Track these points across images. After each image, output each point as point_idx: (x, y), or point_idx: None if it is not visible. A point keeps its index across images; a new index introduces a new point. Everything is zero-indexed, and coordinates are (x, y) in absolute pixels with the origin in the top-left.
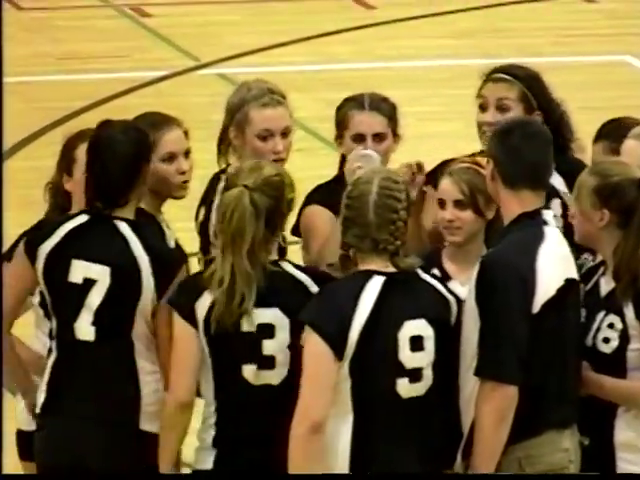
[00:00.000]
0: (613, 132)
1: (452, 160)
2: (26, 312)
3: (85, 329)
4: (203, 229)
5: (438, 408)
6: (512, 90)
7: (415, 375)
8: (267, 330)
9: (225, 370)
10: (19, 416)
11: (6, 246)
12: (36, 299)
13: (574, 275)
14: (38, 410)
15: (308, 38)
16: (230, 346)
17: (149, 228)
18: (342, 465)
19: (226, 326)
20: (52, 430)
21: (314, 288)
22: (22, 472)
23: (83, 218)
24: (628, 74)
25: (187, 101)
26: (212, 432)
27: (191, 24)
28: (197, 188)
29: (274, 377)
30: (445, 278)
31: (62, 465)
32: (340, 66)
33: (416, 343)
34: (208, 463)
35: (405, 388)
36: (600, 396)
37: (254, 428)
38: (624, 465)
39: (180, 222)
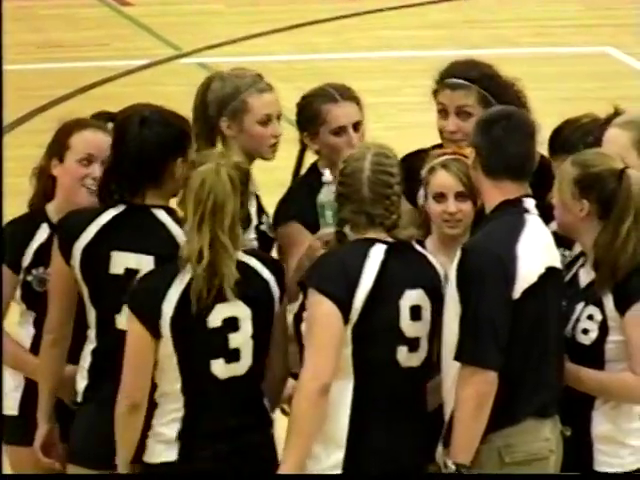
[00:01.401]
0: (570, 141)
1: (419, 152)
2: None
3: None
4: None
5: (431, 379)
6: (470, 96)
7: (414, 344)
8: (232, 323)
9: (193, 366)
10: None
11: None
12: (18, 292)
13: (556, 264)
14: (79, 398)
15: (288, 28)
16: (198, 343)
17: None
18: (340, 426)
19: (206, 304)
20: (91, 416)
21: (267, 276)
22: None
23: (118, 209)
24: (608, 65)
25: (168, 90)
26: (177, 426)
27: (172, 13)
28: None
29: (239, 368)
30: None
31: (102, 451)
32: (319, 56)
33: (415, 312)
34: (171, 456)
35: (404, 356)
36: (577, 388)
37: (221, 420)
38: (601, 457)
39: None
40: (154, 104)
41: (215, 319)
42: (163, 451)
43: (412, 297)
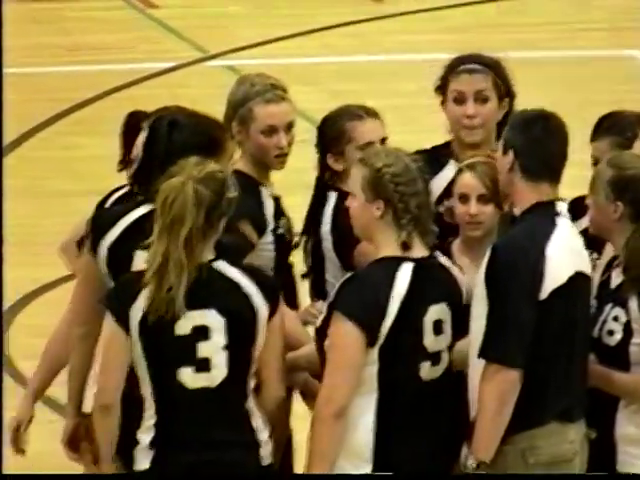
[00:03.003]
0: (617, 126)
1: (416, 153)
2: None
3: None
4: None
5: (452, 388)
6: (488, 80)
7: (436, 358)
8: (202, 332)
9: (161, 373)
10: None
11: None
12: None
13: (586, 269)
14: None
15: (312, 31)
16: (165, 349)
17: None
18: (365, 440)
19: (158, 314)
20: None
21: (250, 288)
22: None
23: (146, 209)
24: (633, 69)
25: (195, 92)
26: (152, 433)
27: (197, 15)
28: None
29: (211, 379)
30: None
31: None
32: (343, 59)
33: (438, 327)
34: (145, 464)
35: (426, 371)
36: (607, 390)
37: (192, 431)
38: (625, 458)
39: None
40: (190, 108)
41: (184, 326)
42: (140, 459)
43: (435, 312)
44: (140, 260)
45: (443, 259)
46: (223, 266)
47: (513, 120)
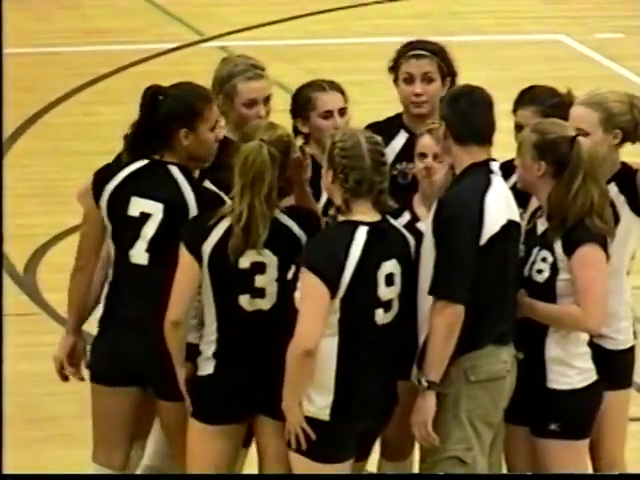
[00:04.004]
0: (539, 97)
1: (376, 124)
2: None
3: (140, 255)
4: None
5: (402, 330)
6: (432, 64)
7: (388, 305)
8: (259, 267)
9: (225, 298)
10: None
11: None
12: None
13: (515, 217)
14: (97, 325)
15: (294, 17)
16: (229, 279)
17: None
18: (329, 374)
19: (238, 256)
20: (108, 340)
21: (298, 231)
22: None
23: (142, 163)
24: (562, 50)
25: (194, 69)
26: (213, 346)
27: (197, 4)
28: None
29: (265, 304)
30: (415, 220)
31: (113, 369)
32: (320, 41)
33: (389, 279)
34: (209, 369)
35: (380, 316)
36: (534, 318)
37: (248, 344)
38: (553, 376)
39: None
40: (187, 82)
41: (245, 261)
42: (204, 366)
43: (387, 267)
44: (136, 204)
45: (394, 222)
46: (279, 215)
47: (443, 96)
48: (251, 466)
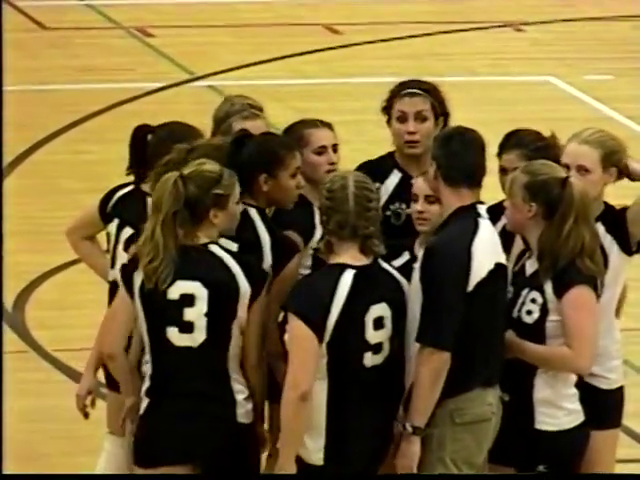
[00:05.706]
0: (524, 141)
1: (368, 163)
2: None
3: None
4: None
5: (392, 372)
6: (426, 102)
7: (377, 348)
8: (188, 299)
9: (156, 331)
10: None
11: None
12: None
13: (502, 260)
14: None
15: (281, 57)
16: (158, 311)
17: None
18: (320, 417)
19: (150, 282)
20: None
21: (235, 269)
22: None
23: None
24: (551, 92)
25: (183, 108)
26: (147, 383)
27: (187, 43)
28: None
29: (192, 340)
30: (413, 260)
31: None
32: (309, 81)
33: (378, 323)
34: (142, 408)
35: (369, 359)
36: (523, 358)
37: (177, 383)
38: (542, 418)
39: None
40: (182, 122)
41: (174, 292)
42: (142, 405)
43: (376, 310)
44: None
45: (385, 265)
46: (215, 249)
47: (436, 137)
48: None
